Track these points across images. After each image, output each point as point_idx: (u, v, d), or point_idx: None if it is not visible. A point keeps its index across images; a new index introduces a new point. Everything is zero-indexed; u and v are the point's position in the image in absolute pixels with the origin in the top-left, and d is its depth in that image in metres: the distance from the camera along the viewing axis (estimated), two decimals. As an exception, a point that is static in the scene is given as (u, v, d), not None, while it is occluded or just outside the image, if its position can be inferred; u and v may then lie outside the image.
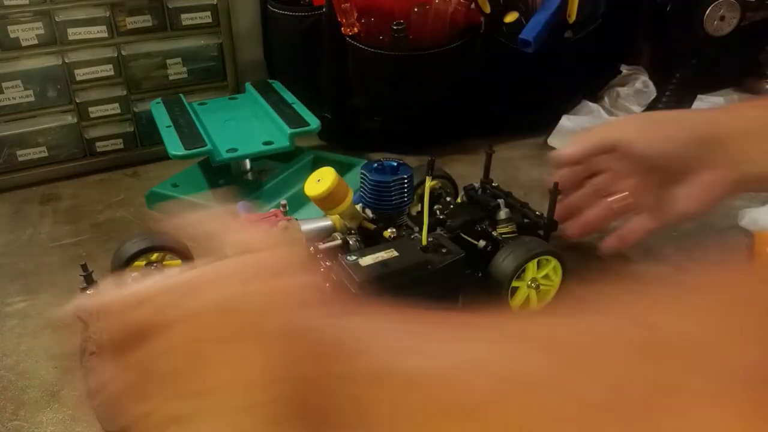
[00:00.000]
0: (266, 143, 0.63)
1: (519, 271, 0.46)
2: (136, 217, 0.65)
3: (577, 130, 0.81)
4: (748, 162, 0.44)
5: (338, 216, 0.47)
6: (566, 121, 0.82)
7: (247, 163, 0.69)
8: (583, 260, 0.57)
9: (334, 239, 0.46)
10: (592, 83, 0.88)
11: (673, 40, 0.76)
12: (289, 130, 0.63)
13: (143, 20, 0.72)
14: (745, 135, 0.44)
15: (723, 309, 0.19)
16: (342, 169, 0.54)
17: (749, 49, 0.85)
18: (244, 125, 0.69)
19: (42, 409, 0.42)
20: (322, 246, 0.45)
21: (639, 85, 0.87)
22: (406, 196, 0.48)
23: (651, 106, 0.82)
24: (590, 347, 0.20)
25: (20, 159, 0.71)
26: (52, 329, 0.50)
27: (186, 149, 0.59)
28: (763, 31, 0.79)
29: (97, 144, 0.74)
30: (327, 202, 0.45)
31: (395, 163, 0.48)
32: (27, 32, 0.67)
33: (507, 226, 0.50)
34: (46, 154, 0.72)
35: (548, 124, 0.81)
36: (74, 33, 0.69)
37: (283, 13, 0.76)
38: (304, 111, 0.68)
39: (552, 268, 0.48)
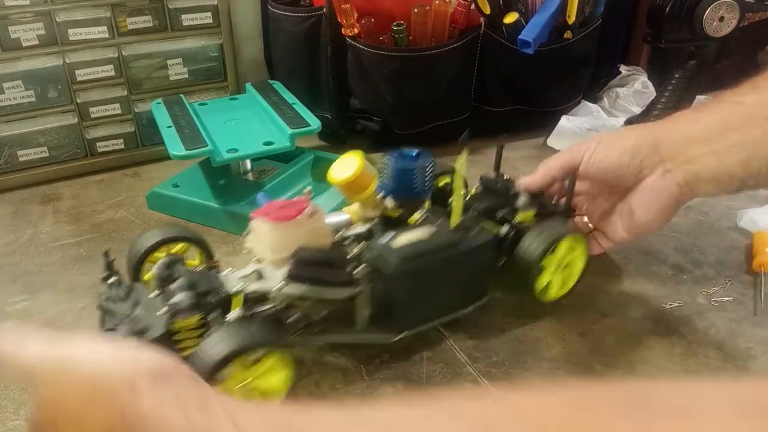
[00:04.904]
0: (267, 143, 0.63)
1: (549, 251, 0.46)
2: (136, 217, 0.65)
3: (577, 131, 0.81)
4: (690, 162, 0.45)
5: (359, 205, 0.47)
6: (566, 122, 0.83)
7: (248, 164, 0.69)
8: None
9: (358, 227, 0.46)
10: (591, 84, 0.88)
11: (673, 41, 0.76)
12: (290, 131, 0.64)
13: (144, 21, 0.72)
14: (686, 140, 0.45)
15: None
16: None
17: (748, 49, 0.85)
18: (244, 125, 0.69)
19: (43, 409, 0.42)
20: (348, 233, 0.45)
21: (638, 86, 0.88)
22: (428, 183, 0.48)
23: (650, 107, 0.82)
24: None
25: (21, 159, 0.71)
26: (54, 329, 0.50)
27: (186, 149, 0.59)
28: (762, 32, 0.79)
29: (98, 144, 0.74)
30: (353, 188, 0.45)
31: (415, 152, 0.47)
32: (28, 33, 0.67)
33: (527, 213, 0.50)
34: (46, 155, 0.72)
35: (548, 124, 0.81)
36: (75, 33, 0.69)
37: (284, 13, 0.76)
38: (305, 111, 0.68)
39: (580, 251, 0.49)
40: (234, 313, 0.39)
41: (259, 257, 0.42)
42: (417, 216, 0.47)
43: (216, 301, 0.39)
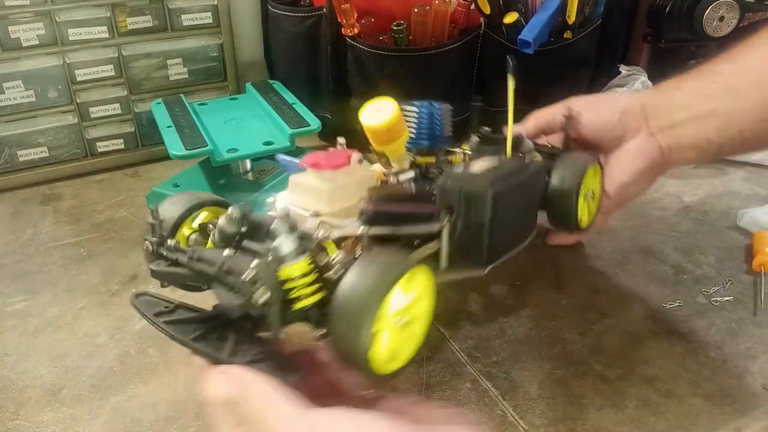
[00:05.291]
0: (267, 143, 0.63)
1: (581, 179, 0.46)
2: (136, 217, 0.65)
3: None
4: (673, 128, 0.46)
5: (383, 161, 0.43)
6: (566, 122, 0.82)
7: (248, 164, 0.69)
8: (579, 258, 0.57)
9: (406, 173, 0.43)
10: (591, 84, 0.88)
11: (673, 41, 0.76)
12: (290, 131, 0.64)
13: (144, 21, 0.72)
14: (668, 106, 0.47)
15: None
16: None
17: (749, 49, 0.85)
18: (244, 125, 0.69)
19: (42, 409, 0.42)
20: (402, 177, 0.42)
21: (638, 86, 0.87)
22: (450, 130, 0.47)
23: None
24: None
25: (21, 159, 0.71)
26: (53, 329, 0.50)
27: (186, 149, 0.59)
28: (762, 32, 0.79)
29: (98, 144, 0.74)
30: (386, 134, 0.41)
31: (428, 102, 0.46)
32: (28, 32, 0.67)
33: (534, 156, 0.49)
34: (46, 154, 0.72)
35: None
36: (75, 33, 0.69)
37: (284, 13, 0.76)
38: (305, 111, 0.68)
39: (598, 179, 0.49)
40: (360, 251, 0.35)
41: (313, 211, 0.36)
42: (459, 155, 0.45)
43: (317, 246, 0.33)
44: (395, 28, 0.71)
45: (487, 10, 0.74)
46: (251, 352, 0.29)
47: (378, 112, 0.41)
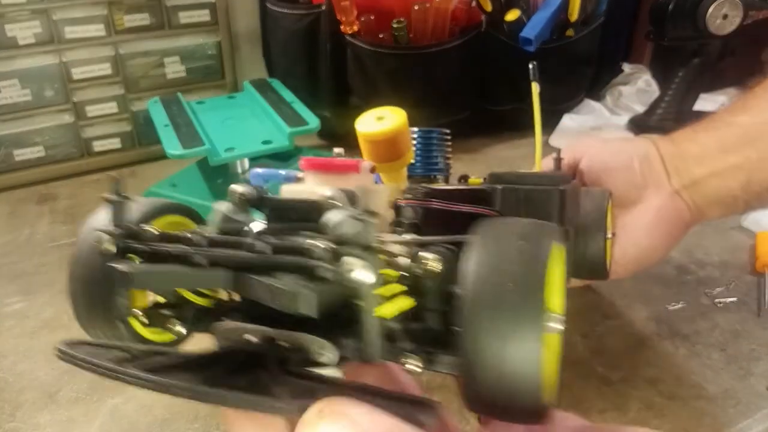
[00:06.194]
0: (265, 142, 0.63)
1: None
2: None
3: (580, 129, 0.81)
4: (697, 184, 0.43)
5: (385, 178, 0.35)
6: (568, 120, 0.82)
7: (246, 163, 0.68)
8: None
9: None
10: (594, 82, 0.87)
11: (676, 39, 0.75)
12: (289, 129, 0.63)
13: (141, 18, 0.71)
14: (690, 160, 0.43)
15: None
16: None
17: (752, 48, 0.84)
18: (242, 124, 0.68)
19: (40, 410, 0.42)
20: (434, 187, 0.34)
21: (641, 84, 0.87)
22: (449, 159, 0.42)
23: (653, 105, 0.81)
24: None
25: (17, 159, 0.71)
26: (50, 330, 0.49)
27: (184, 148, 0.59)
28: (765, 30, 0.78)
29: (95, 143, 0.74)
30: (387, 147, 0.33)
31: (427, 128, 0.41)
32: (24, 31, 0.67)
33: None
34: (43, 154, 0.72)
35: (550, 123, 0.80)
36: (71, 31, 0.69)
37: (282, 11, 0.76)
38: (304, 110, 0.68)
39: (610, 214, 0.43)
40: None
41: None
42: (478, 179, 0.39)
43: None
44: (395, 25, 0.70)
45: (489, 8, 0.73)
46: (320, 394, 0.19)
47: (380, 120, 0.33)
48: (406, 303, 0.21)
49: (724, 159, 0.42)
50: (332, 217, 0.20)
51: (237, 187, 0.23)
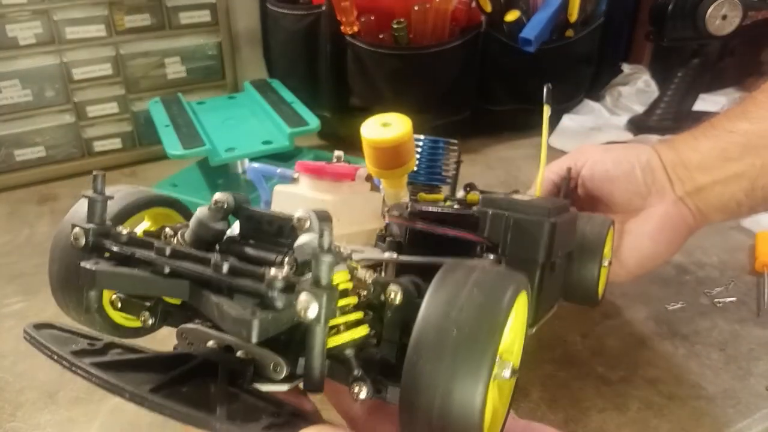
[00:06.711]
0: (265, 143, 0.63)
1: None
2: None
3: (579, 130, 0.81)
4: (701, 191, 0.43)
5: (386, 185, 0.35)
6: (568, 121, 0.82)
7: (246, 163, 0.68)
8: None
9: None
10: (593, 82, 0.87)
11: (675, 40, 0.76)
12: (289, 130, 0.63)
13: (141, 19, 0.71)
14: (693, 168, 0.43)
15: None
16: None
17: (751, 48, 0.84)
18: (243, 124, 0.68)
19: (40, 410, 0.42)
20: (431, 208, 0.34)
21: (641, 85, 0.87)
22: (455, 170, 0.41)
23: (653, 106, 0.81)
24: None
25: (18, 159, 0.71)
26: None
27: (184, 149, 0.59)
28: (765, 31, 0.79)
29: (95, 143, 0.74)
30: (392, 155, 0.32)
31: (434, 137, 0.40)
32: (25, 31, 0.67)
33: None
34: (44, 154, 0.72)
35: (549, 123, 0.81)
36: (72, 32, 0.69)
37: (283, 11, 0.76)
38: (304, 110, 0.68)
39: (610, 242, 0.43)
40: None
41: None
42: (476, 195, 0.38)
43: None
44: (395, 26, 0.70)
45: (489, 8, 0.73)
46: (263, 415, 0.19)
47: (385, 127, 0.32)
48: (358, 333, 0.21)
49: (726, 167, 0.42)
50: (300, 242, 0.21)
51: (217, 195, 0.24)
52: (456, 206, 0.38)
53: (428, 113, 0.77)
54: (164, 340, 0.27)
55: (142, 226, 0.30)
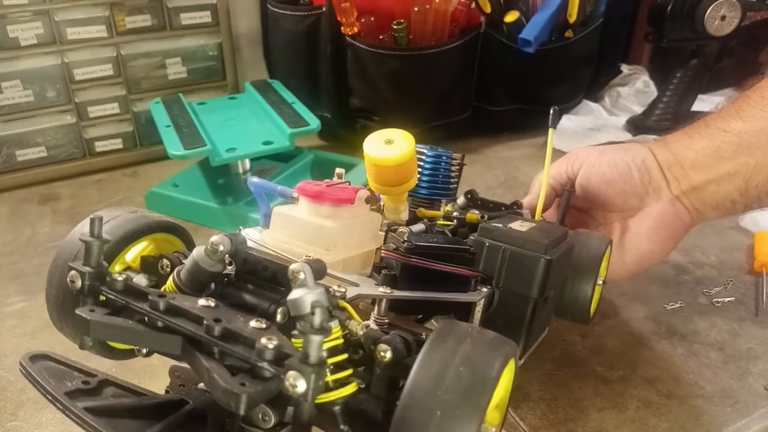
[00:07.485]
0: (266, 143, 0.63)
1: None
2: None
3: (578, 130, 0.81)
4: (697, 190, 0.43)
5: (387, 200, 0.35)
6: (567, 121, 0.82)
7: (247, 163, 0.68)
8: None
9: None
10: (592, 83, 0.88)
11: (674, 40, 0.76)
12: (289, 130, 0.63)
13: (142, 20, 0.72)
14: (688, 167, 0.43)
15: None
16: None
17: (750, 48, 0.84)
18: (243, 125, 0.68)
19: (41, 410, 0.42)
20: (415, 228, 0.35)
21: (640, 85, 0.87)
22: (457, 182, 0.41)
23: (651, 106, 0.81)
24: None
25: (19, 159, 0.71)
26: (52, 330, 0.49)
27: (185, 149, 0.59)
28: (764, 32, 0.79)
29: (97, 144, 0.74)
30: (395, 173, 0.32)
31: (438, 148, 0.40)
32: (26, 32, 0.67)
33: None
34: (45, 154, 0.72)
35: (548, 124, 0.81)
36: (73, 33, 0.69)
37: (283, 12, 0.76)
38: (304, 111, 0.68)
39: (606, 261, 0.43)
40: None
41: (307, 256, 0.27)
42: (475, 215, 0.38)
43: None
44: (395, 27, 0.71)
45: (488, 9, 0.73)
46: None
47: (389, 145, 0.32)
48: (347, 391, 0.22)
49: (720, 167, 0.42)
50: (292, 296, 0.21)
51: (215, 239, 0.24)
52: (455, 222, 0.37)
53: (428, 113, 0.77)
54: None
55: (141, 246, 0.30)
